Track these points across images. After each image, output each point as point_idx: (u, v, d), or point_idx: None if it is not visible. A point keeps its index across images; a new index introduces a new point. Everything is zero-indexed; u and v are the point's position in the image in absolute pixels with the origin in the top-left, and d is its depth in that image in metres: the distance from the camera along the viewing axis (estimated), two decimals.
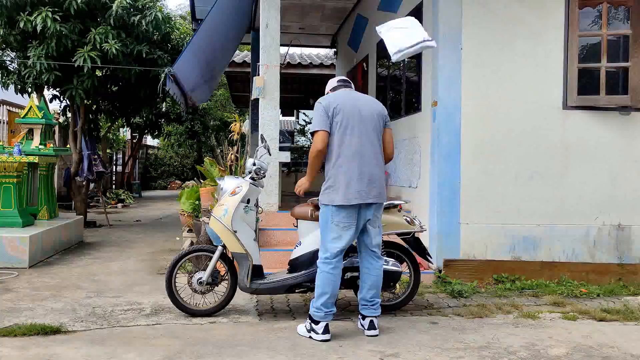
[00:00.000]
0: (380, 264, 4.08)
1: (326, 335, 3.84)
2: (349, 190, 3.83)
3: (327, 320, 3.89)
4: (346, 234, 3.90)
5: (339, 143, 3.89)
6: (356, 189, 3.84)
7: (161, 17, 9.01)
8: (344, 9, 9.52)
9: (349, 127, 3.90)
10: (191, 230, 7.50)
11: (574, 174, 5.75)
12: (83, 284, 5.50)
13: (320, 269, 3.93)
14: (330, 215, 3.90)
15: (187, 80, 7.24)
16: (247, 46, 11.99)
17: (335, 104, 3.94)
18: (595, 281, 5.60)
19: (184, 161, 25.75)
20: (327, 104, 3.94)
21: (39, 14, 8.05)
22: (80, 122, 9.90)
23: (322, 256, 3.95)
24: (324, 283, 3.90)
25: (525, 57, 5.73)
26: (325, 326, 3.86)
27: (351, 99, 4.03)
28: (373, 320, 4.00)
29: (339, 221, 3.88)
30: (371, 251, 4.04)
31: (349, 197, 3.83)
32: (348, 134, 3.89)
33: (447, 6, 5.67)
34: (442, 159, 5.64)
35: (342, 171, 3.87)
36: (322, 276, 3.91)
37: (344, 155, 3.88)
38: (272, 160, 6.13)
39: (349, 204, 3.84)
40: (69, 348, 3.63)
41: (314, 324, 3.88)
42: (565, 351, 3.70)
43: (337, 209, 3.87)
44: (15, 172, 6.94)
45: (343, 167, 3.87)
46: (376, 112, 4.03)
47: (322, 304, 3.87)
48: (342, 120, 3.89)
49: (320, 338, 3.83)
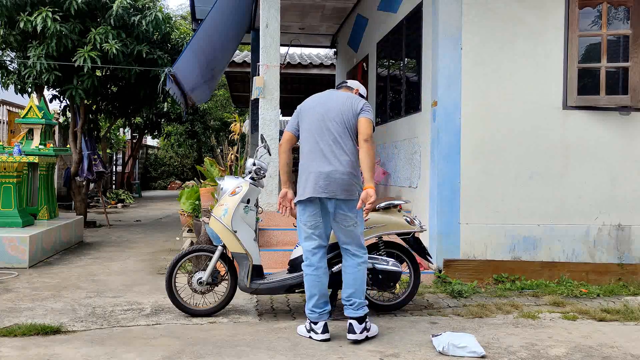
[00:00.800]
0: (355, 262, 3.93)
1: (325, 335, 3.83)
2: (306, 186, 3.89)
3: (323, 319, 3.88)
4: (315, 233, 3.93)
5: (302, 145, 4.04)
6: (312, 185, 3.86)
7: (161, 17, 9.02)
8: (344, 9, 9.52)
9: (307, 129, 3.99)
10: (191, 230, 7.50)
11: (574, 174, 5.75)
12: (83, 284, 5.50)
13: (304, 271, 3.98)
14: (299, 216, 4.00)
15: (187, 80, 7.25)
16: (247, 46, 11.99)
17: (302, 107, 4.10)
18: (595, 281, 5.60)
19: (184, 161, 25.77)
20: (298, 108, 4.14)
21: (39, 14, 8.06)
22: (80, 122, 9.90)
23: (304, 259, 4.01)
24: (309, 285, 3.93)
25: (525, 57, 5.73)
26: (324, 325, 3.86)
27: (321, 100, 4.06)
28: (352, 323, 3.81)
29: (305, 220, 3.94)
30: (344, 249, 4.00)
31: (305, 192, 3.89)
32: (306, 135, 3.99)
33: (447, 6, 5.67)
34: (442, 159, 5.64)
35: (302, 170, 3.97)
36: (306, 279, 3.96)
37: (304, 155, 3.99)
38: (272, 160, 6.13)
39: (305, 199, 3.89)
40: (69, 348, 3.63)
41: (312, 324, 3.88)
42: (565, 351, 3.70)
43: (302, 208, 3.95)
44: (15, 172, 6.94)
45: (303, 166, 3.98)
46: (345, 109, 3.92)
47: (313, 306, 3.89)
48: (304, 123, 4.03)
49: (319, 338, 3.83)
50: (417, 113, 6.35)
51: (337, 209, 3.88)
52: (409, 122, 6.63)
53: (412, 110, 6.59)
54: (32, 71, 8.55)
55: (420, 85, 6.26)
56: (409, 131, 6.58)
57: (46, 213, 7.74)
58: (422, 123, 6.14)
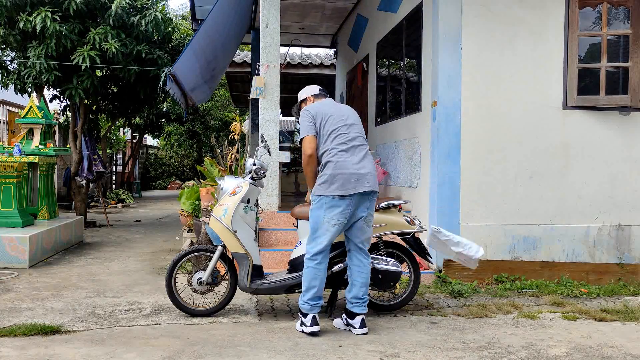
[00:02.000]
0: (368, 261, 4.15)
1: (314, 327, 3.93)
2: (346, 185, 3.98)
3: (314, 312, 3.98)
4: (336, 231, 4.04)
5: (330, 145, 4.08)
6: (353, 184, 3.99)
7: (161, 18, 9.02)
8: (344, 9, 9.52)
9: (334, 130, 4.10)
10: (191, 230, 7.50)
11: (573, 174, 5.75)
12: (83, 284, 5.50)
13: (307, 264, 4.05)
14: (324, 212, 4.01)
15: (187, 80, 7.24)
16: (247, 46, 11.99)
17: (318, 112, 4.17)
18: (595, 281, 5.60)
19: (184, 161, 25.77)
20: (313, 113, 4.17)
21: (39, 14, 8.06)
22: (80, 122, 9.90)
23: (309, 252, 4.06)
24: (311, 277, 4.05)
25: (525, 57, 5.73)
26: (313, 318, 3.96)
27: (333, 107, 4.27)
28: (363, 318, 4.05)
29: (332, 217, 3.99)
30: (359, 248, 4.13)
31: (344, 190, 3.96)
32: (334, 136, 4.09)
33: (447, 6, 5.67)
34: (442, 159, 5.64)
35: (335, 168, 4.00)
36: (308, 271, 4.06)
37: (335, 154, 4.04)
38: (272, 160, 6.13)
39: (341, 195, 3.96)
40: (68, 348, 3.62)
41: (303, 316, 3.99)
42: (565, 351, 3.70)
43: (332, 205, 3.99)
44: (15, 172, 6.94)
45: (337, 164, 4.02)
46: (357, 118, 4.29)
47: (309, 299, 4.00)
48: (329, 125, 4.11)
49: (309, 330, 3.93)
50: (417, 113, 6.35)
51: (369, 208, 4.08)
52: (409, 122, 6.63)
53: (412, 110, 6.59)
54: (32, 71, 8.55)
55: (420, 85, 6.26)
56: (409, 131, 6.58)
57: (46, 213, 7.74)
58: (422, 123, 6.14)
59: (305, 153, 4.10)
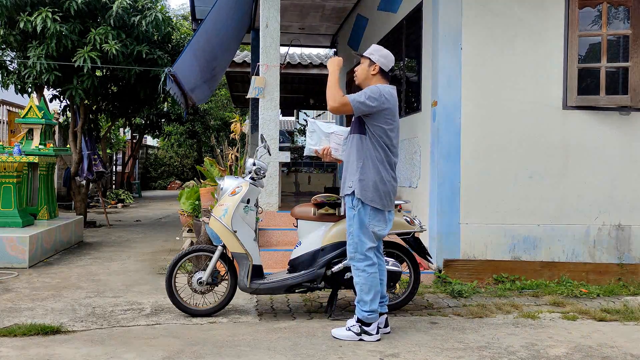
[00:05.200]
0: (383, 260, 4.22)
1: (379, 335, 3.89)
2: (392, 198, 4.02)
3: (378, 319, 3.93)
4: (380, 237, 4.04)
5: (379, 150, 4.00)
6: (394, 197, 4.08)
7: (161, 18, 9.02)
8: (344, 9, 9.52)
9: (395, 137, 4.06)
10: (191, 230, 7.50)
11: (573, 174, 5.75)
12: (83, 284, 5.50)
13: (367, 271, 3.89)
14: (369, 220, 3.92)
15: (187, 80, 7.24)
16: (247, 46, 11.99)
17: (392, 103, 4.02)
18: (595, 281, 5.60)
19: (184, 161, 25.76)
20: (386, 98, 3.92)
21: (39, 14, 8.05)
22: (80, 122, 9.90)
23: (362, 258, 3.93)
24: (374, 284, 3.90)
25: (525, 56, 5.73)
26: (377, 326, 3.91)
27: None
28: (387, 317, 4.06)
29: (378, 225, 3.94)
30: (379, 251, 4.13)
31: (391, 204, 4.02)
32: (388, 142, 4.01)
33: (447, 6, 5.67)
34: (442, 159, 5.64)
35: (386, 180, 3.95)
36: (369, 278, 3.89)
37: (389, 164, 3.99)
38: (272, 160, 6.13)
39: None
40: (68, 348, 3.63)
41: (365, 326, 3.86)
42: (565, 351, 3.70)
43: (381, 215, 3.96)
44: (15, 172, 6.94)
45: (387, 176, 3.97)
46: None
47: (376, 305, 3.88)
48: (394, 129, 4.04)
49: (375, 339, 3.86)
50: (417, 113, 6.35)
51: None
52: (409, 122, 6.62)
53: (412, 110, 6.60)
54: (32, 71, 8.55)
55: (420, 85, 6.26)
56: (409, 131, 6.58)
57: (46, 213, 7.74)
58: (422, 123, 6.14)
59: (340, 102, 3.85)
